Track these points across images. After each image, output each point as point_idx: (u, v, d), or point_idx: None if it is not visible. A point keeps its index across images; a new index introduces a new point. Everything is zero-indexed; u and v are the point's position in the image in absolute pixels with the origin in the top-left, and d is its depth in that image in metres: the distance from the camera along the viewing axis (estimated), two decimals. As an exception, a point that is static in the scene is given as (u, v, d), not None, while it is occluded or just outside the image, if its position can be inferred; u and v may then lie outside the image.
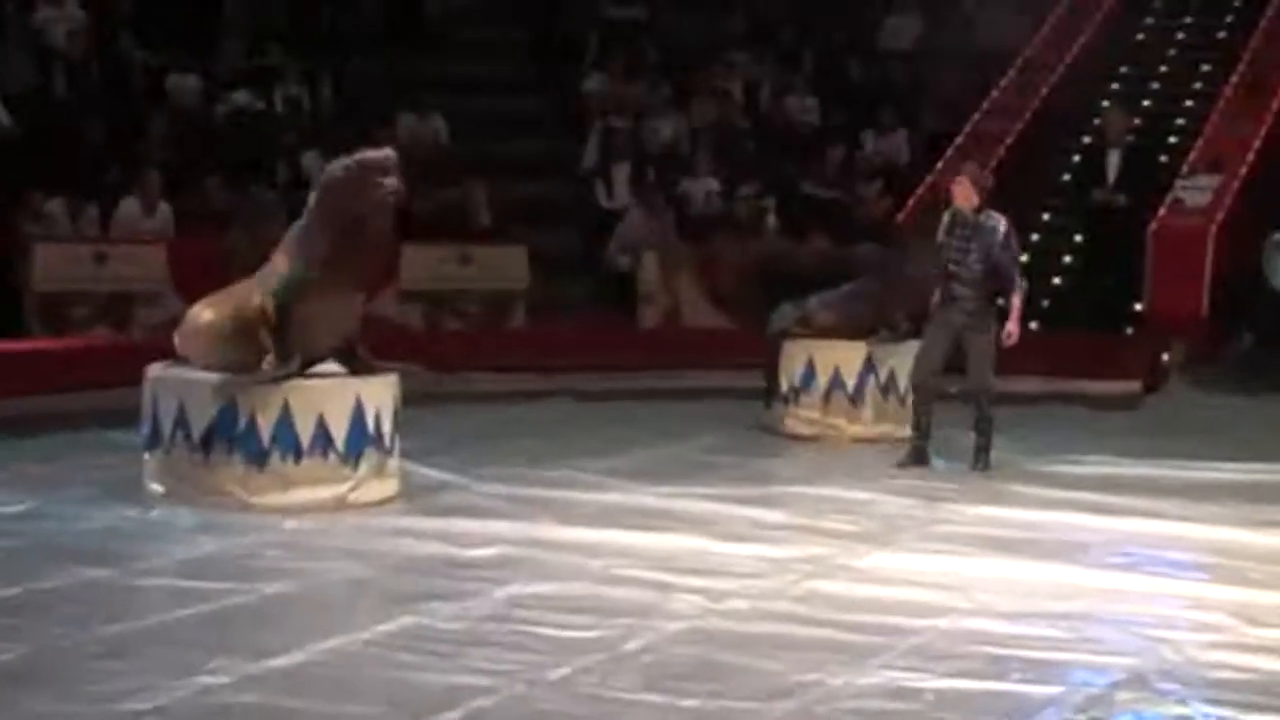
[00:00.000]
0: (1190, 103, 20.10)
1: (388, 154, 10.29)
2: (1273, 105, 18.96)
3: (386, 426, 10.49)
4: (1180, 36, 21.50)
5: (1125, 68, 21.09)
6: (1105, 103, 19.61)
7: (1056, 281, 18.24)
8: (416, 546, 9.46)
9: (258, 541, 9.44)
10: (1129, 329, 17.30)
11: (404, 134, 18.75)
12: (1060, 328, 17.10)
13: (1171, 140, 19.32)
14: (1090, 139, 19.27)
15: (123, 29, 18.82)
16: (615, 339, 16.61)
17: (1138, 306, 17.30)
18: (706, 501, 10.88)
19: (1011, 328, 12.15)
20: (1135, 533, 10.41)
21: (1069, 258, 18.46)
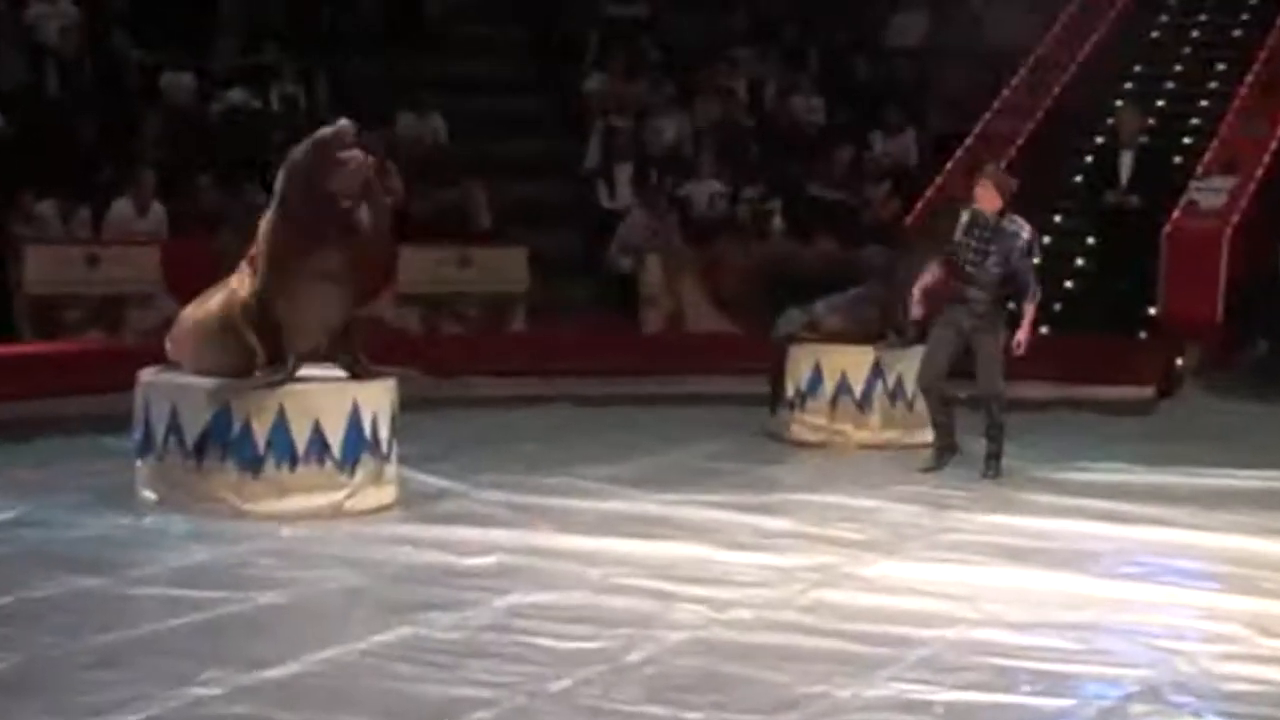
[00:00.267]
0: (1205, 102, 20.01)
1: (343, 126, 10.10)
2: (1288, 105, 18.86)
3: (384, 432, 10.41)
4: (1195, 35, 21.42)
5: (1139, 66, 21.03)
6: (1118, 102, 19.49)
7: (1068, 285, 18.17)
8: (414, 555, 9.41)
9: (252, 550, 9.37)
10: (1142, 333, 17.18)
11: (402, 134, 18.66)
12: (1072, 332, 17.01)
13: (1186, 141, 19.23)
14: (1103, 139, 19.17)
15: (116, 26, 18.70)
16: (617, 343, 16.49)
17: (1151, 310, 17.18)
18: (710, 509, 10.83)
19: (1022, 336, 12.10)
20: (1147, 541, 10.36)
21: (1081, 260, 18.39)
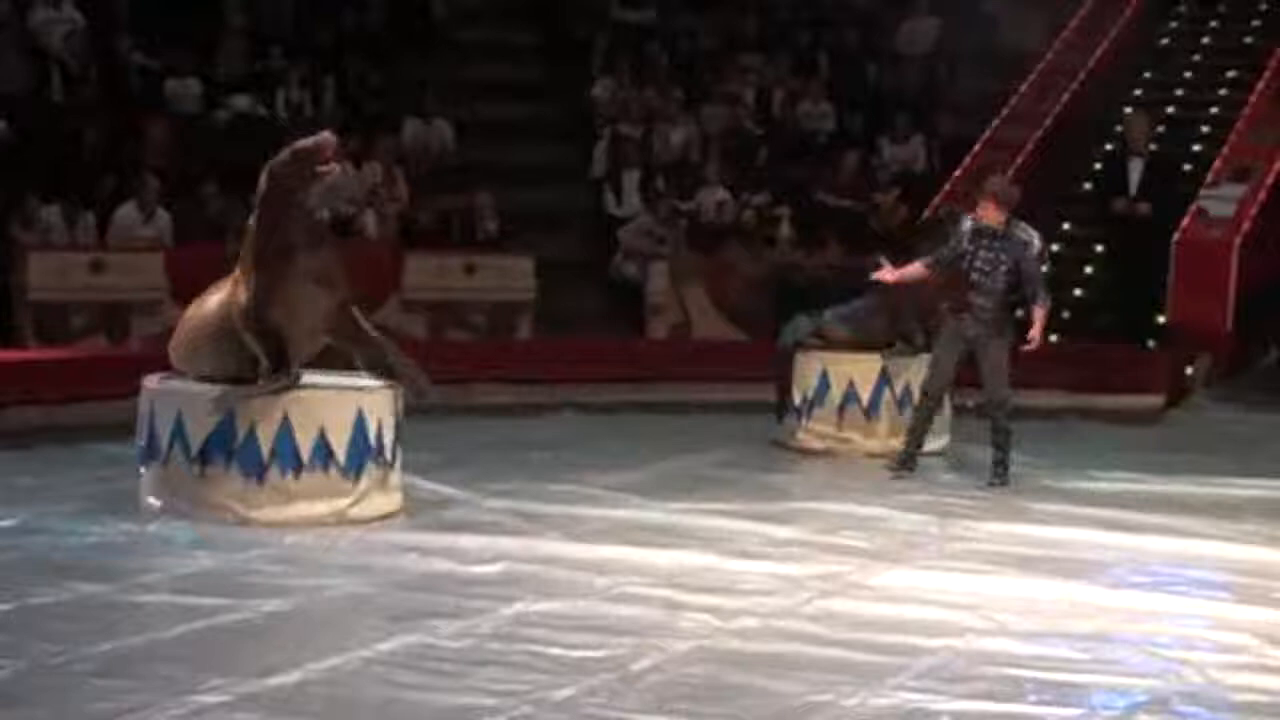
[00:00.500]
0: (1215, 110, 19.98)
1: (324, 138, 10.14)
2: (1300, 113, 18.84)
3: (389, 439, 10.38)
4: (1206, 41, 21.41)
5: (1149, 73, 21.02)
6: (1128, 109, 19.41)
7: (1078, 292, 18.15)
8: (419, 563, 9.38)
9: (256, 557, 9.34)
10: (1152, 342, 17.13)
11: (409, 140, 18.62)
12: (1082, 340, 16.96)
13: (1196, 148, 19.21)
14: (1113, 146, 19.12)
15: (121, 32, 18.67)
16: (624, 350, 16.44)
17: (1161, 319, 17.13)
18: (717, 517, 10.81)
19: (1034, 333, 12.06)
20: (1156, 551, 10.37)
21: (1090, 268, 18.36)
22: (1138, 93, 20.60)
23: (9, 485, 10.95)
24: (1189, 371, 16.68)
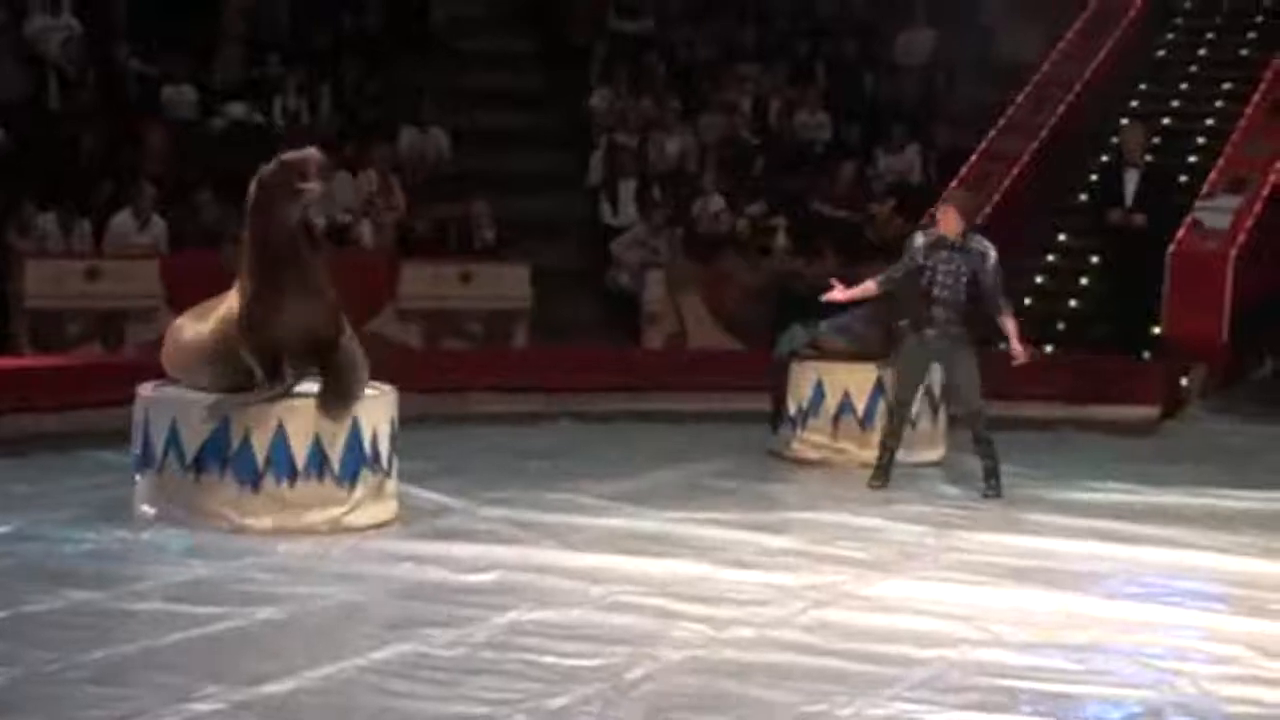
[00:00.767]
0: (1211, 121, 19.91)
1: (309, 154, 10.11)
2: (1295, 124, 18.81)
3: (384, 448, 10.37)
4: (1202, 53, 21.35)
5: (1145, 85, 20.97)
6: (1124, 120, 19.41)
7: (1073, 304, 18.11)
8: (414, 571, 9.37)
9: (251, 565, 9.33)
10: (1147, 353, 17.10)
11: (405, 148, 18.61)
12: (1077, 351, 16.93)
13: (1191, 160, 19.14)
14: (1108, 158, 19.08)
15: (118, 39, 18.62)
16: (619, 359, 16.43)
17: (1156, 330, 17.11)
18: (711, 527, 10.80)
19: (1017, 347, 12.13)
20: (1151, 562, 10.35)
21: (1085, 279, 18.31)
22: (1134, 104, 20.55)
23: (4, 492, 10.95)
24: (1184, 383, 16.64)
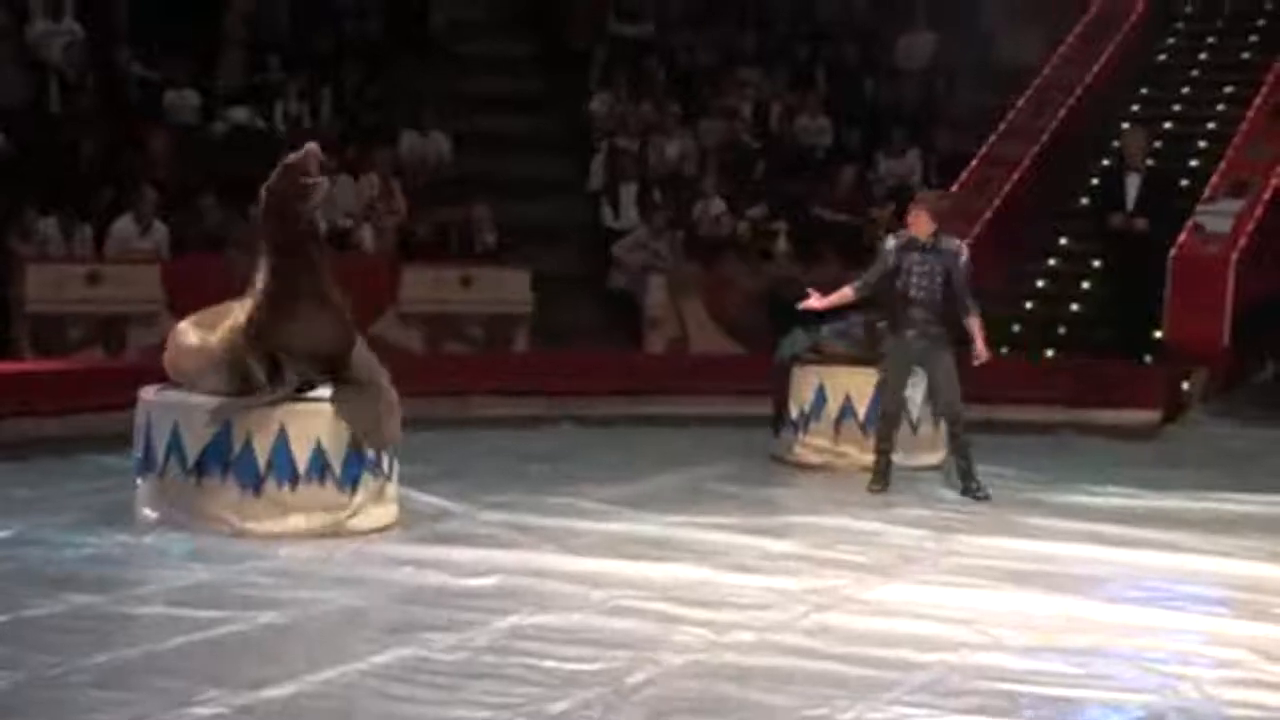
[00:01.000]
0: (1212, 125, 19.95)
1: (309, 149, 10.12)
2: (1297, 128, 18.82)
3: (385, 452, 10.31)
4: (1203, 57, 21.39)
5: (1146, 89, 21.01)
6: (1125, 125, 19.41)
7: (1075, 308, 18.12)
8: (415, 575, 9.36)
9: (252, 569, 9.32)
10: (1148, 357, 17.11)
11: (406, 152, 18.61)
12: (1079, 355, 16.93)
13: (1193, 164, 19.17)
14: (1109, 162, 19.08)
15: (119, 43, 18.63)
16: (620, 364, 16.43)
17: (1157, 334, 17.12)
18: (712, 531, 10.79)
19: (980, 348, 12.20)
20: (1153, 566, 10.34)
21: (1087, 283, 18.32)
22: (1135, 108, 20.59)
23: (5, 497, 10.94)
24: (1186, 387, 16.65)
